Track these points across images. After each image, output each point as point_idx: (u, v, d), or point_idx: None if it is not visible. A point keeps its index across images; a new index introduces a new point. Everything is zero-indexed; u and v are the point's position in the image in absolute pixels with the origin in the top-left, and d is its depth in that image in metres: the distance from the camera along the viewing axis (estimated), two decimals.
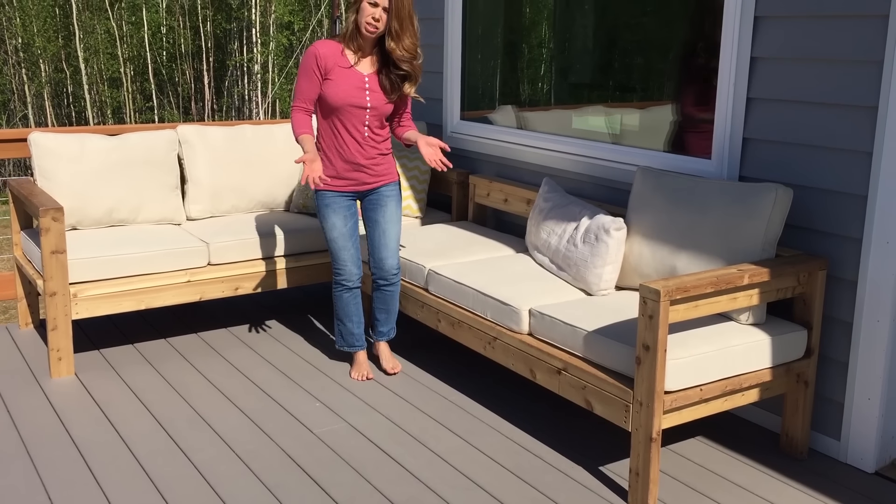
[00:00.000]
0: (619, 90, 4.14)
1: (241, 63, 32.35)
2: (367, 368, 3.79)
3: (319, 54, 3.51)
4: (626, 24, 4.05)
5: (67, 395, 3.55)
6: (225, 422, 3.33)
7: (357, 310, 3.79)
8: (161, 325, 4.39)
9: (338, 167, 3.62)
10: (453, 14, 4.77)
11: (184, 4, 32.05)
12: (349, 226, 3.68)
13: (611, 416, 2.86)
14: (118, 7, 31.81)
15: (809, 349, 3.06)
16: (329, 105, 3.54)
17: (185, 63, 32.59)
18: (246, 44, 32.45)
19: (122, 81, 31.98)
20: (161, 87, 32.86)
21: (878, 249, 2.90)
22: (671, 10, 3.76)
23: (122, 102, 32.20)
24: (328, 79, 3.52)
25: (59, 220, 3.58)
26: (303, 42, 32.02)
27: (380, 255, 3.73)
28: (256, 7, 31.40)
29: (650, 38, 3.91)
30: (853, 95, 2.93)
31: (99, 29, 31.46)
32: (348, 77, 3.53)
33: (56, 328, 3.66)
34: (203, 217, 4.43)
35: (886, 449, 3.07)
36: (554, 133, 4.29)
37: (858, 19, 2.87)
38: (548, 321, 3.14)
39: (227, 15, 32.29)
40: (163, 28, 32.52)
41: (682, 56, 3.75)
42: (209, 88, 32.53)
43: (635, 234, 3.36)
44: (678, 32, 3.76)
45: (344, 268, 3.71)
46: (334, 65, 3.52)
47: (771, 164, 3.23)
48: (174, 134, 4.40)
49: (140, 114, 32.60)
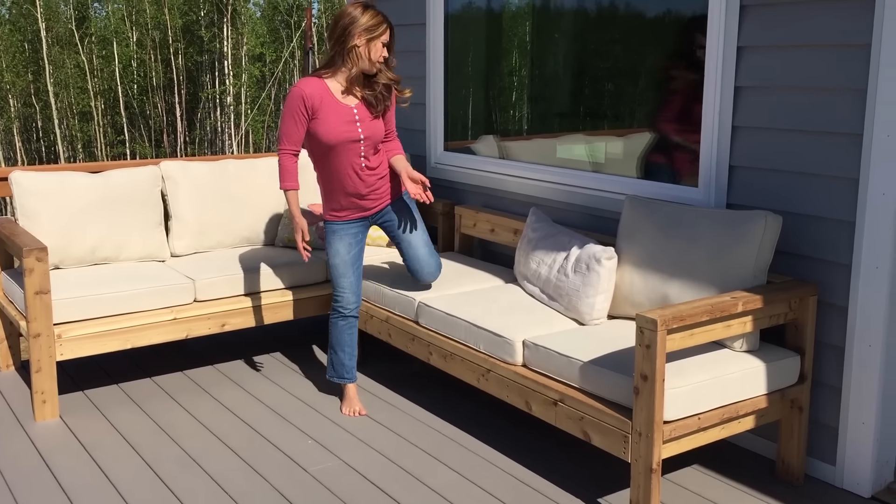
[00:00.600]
0: (600, 118, 4.17)
1: (213, 95, 32.33)
2: (358, 403, 3.75)
3: (306, 94, 3.48)
4: (603, 53, 4.09)
5: (53, 438, 3.47)
6: (216, 462, 3.27)
7: (351, 340, 3.76)
8: (146, 364, 4.32)
9: (341, 201, 3.67)
10: (435, 46, 4.80)
11: (155, 37, 32.04)
12: (352, 253, 3.70)
13: (609, 447, 2.85)
14: (88, 41, 31.73)
15: (803, 375, 3.08)
16: (323, 143, 3.54)
17: (156, 96, 32.52)
18: (218, 76, 32.45)
19: (92, 115, 31.82)
20: (132, 120, 32.73)
21: (868, 274, 2.93)
22: (652, 40, 3.81)
23: (92, 136, 32.00)
24: (316, 118, 3.51)
25: (43, 260, 3.52)
26: (275, 74, 32.07)
27: (415, 266, 3.78)
28: (228, 39, 31.45)
29: (630, 66, 3.95)
30: (838, 123, 2.97)
31: (69, 63, 31.34)
32: (338, 113, 3.53)
33: (40, 370, 3.59)
34: (187, 253, 4.39)
35: (882, 473, 3.08)
36: (539, 163, 4.31)
37: (841, 49, 2.92)
38: (542, 352, 3.13)
39: (198, 47, 32.32)
40: (134, 61, 32.46)
41: (664, 83, 3.79)
42: (181, 121, 32.44)
43: (626, 263, 3.37)
44: (658, 61, 3.80)
45: (342, 295, 3.70)
46: (321, 103, 3.51)
47: (758, 191, 3.26)
48: (157, 170, 4.36)
49: (111, 147, 32.42)
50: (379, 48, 3.51)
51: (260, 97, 32.32)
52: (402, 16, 5.01)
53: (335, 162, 3.59)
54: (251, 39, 32.20)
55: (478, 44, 4.82)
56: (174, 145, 32.86)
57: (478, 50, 4.83)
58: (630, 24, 3.91)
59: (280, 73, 32.29)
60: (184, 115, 32.68)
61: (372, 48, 3.50)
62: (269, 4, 33.92)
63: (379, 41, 3.51)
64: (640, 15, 3.86)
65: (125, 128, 32.13)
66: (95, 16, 32.94)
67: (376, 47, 3.50)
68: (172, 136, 33.02)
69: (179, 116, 32.46)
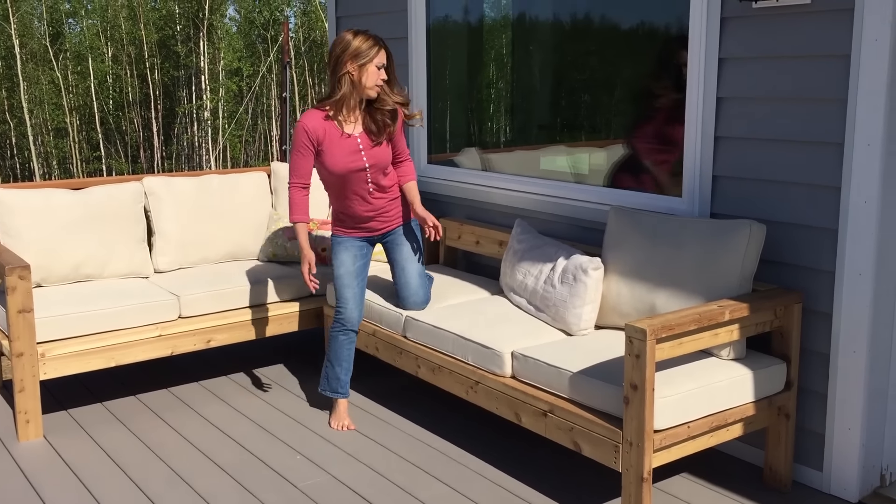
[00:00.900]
0: (582, 130, 4.20)
1: (189, 110, 32.19)
2: (347, 418, 3.74)
3: (308, 128, 3.54)
4: (581, 66, 4.13)
5: (37, 458, 3.42)
6: (205, 480, 3.25)
7: (349, 355, 3.75)
8: (130, 382, 4.28)
9: (348, 221, 3.75)
10: (417, 60, 4.82)
11: (131, 53, 31.88)
12: (357, 266, 3.72)
13: (600, 457, 2.86)
14: (63, 57, 31.52)
15: (789, 382, 3.11)
16: (330, 172, 3.61)
17: (132, 111, 32.33)
18: (195, 91, 32.33)
19: (68, 132, 31.58)
20: (108, 136, 32.51)
21: (851, 281, 2.97)
22: (629, 52, 3.85)
23: (68, 153, 31.75)
24: (322, 150, 3.57)
25: (25, 278, 3.49)
26: (252, 88, 32.00)
27: (403, 293, 3.77)
28: (205, 54, 31.36)
29: (608, 78, 3.99)
30: (820, 133, 3.01)
31: (44, 79, 31.10)
32: (341, 144, 3.57)
33: (24, 390, 3.55)
34: (171, 269, 4.36)
35: (868, 478, 3.11)
36: (522, 174, 4.33)
37: (822, 59, 2.97)
38: (531, 363, 3.14)
39: (174, 62, 32.19)
40: (109, 77, 32.27)
41: (642, 96, 3.83)
42: (158, 136, 32.27)
43: (612, 273, 3.39)
44: (638, 73, 3.84)
45: (345, 307, 3.69)
46: (325, 135, 3.56)
47: (741, 200, 3.30)
48: (140, 186, 4.34)
49: (87, 164, 32.17)
50: (373, 72, 3.52)
51: (237, 112, 32.22)
52: (384, 30, 5.02)
53: (344, 188, 3.65)
54: (228, 54, 32.13)
55: (458, 57, 4.85)
56: (151, 161, 32.67)
57: (458, 63, 4.86)
58: (609, 37, 3.94)
59: (257, 88, 32.22)
60: (160, 131, 32.52)
61: (364, 73, 3.51)
62: (245, 19, 33.89)
63: (371, 65, 3.51)
64: (618, 27, 3.90)
65: (101, 144, 31.91)
66: (70, 31, 32.74)
67: (369, 72, 3.52)
68: (149, 152, 32.84)
69: (156, 132, 32.30)
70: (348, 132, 3.59)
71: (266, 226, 4.64)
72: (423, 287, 3.79)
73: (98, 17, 32.16)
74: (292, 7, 33.51)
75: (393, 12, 4.92)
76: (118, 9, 32.11)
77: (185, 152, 32.92)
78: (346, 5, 5.36)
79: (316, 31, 31.99)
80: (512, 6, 4.51)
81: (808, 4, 2.96)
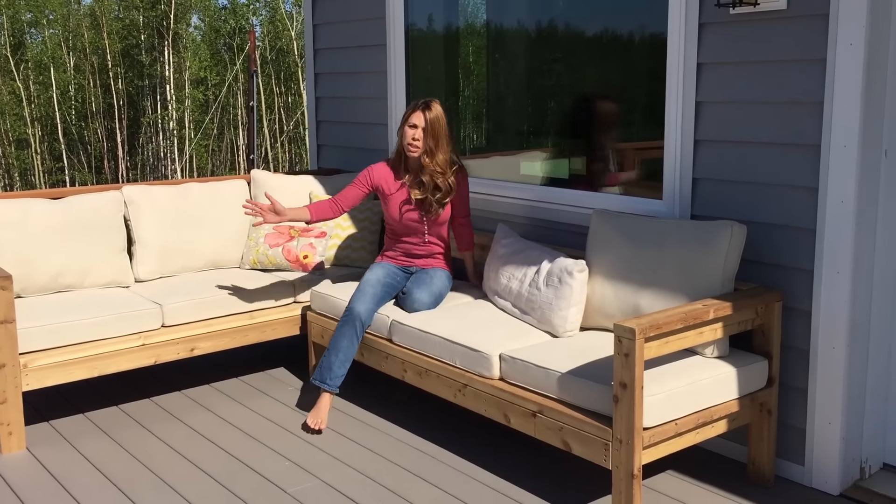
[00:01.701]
0: (558, 136, 4.26)
1: (154, 120, 31.87)
2: (323, 418, 3.74)
3: (373, 174, 3.97)
4: (556, 72, 4.19)
5: (22, 470, 3.39)
6: (194, 488, 3.23)
7: (347, 347, 3.78)
8: (110, 392, 4.24)
9: (397, 252, 4.08)
10: (396, 66, 4.85)
11: (93, 62, 31.50)
12: (385, 281, 3.90)
13: (590, 455, 2.90)
14: (24, 67, 31.04)
15: (770, 378, 3.18)
16: (391, 217, 3.99)
17: (96, 122, 31.92)
18: (160, 100, 32.02)
19: (29, 143, 31.08)
20: (71, 147, 32.05)
21: (829, 279, 3.05)
22: (606, 57, 3.92)
23: (30, 164, 31.25)
24: (382, 197, 3.98)
25: (7, 288, 3.45)
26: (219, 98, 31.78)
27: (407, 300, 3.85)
28: (170, 63, 31.08)
29: (584, 85, 4.05)
30: (797, 135, 3.09)
31: (4, 90, 30.60)
32: (397, 198, 3.94)
33: (6, 401, 3.50)
34: (152, 278, 4.34)
35: (849, 471, 3.19)
36: (502, 179, 4.37)
37: (798, 63, 3.05)
38: (519, 365, 3.17)
39: (138, 72, 31.84)
40: (72, 87, 31.84)
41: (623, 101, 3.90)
42: (122, 147, 31.90)
43: (596, 275, 3.44)
44: (612, 80, 3.91)
45: (357, 300, 3.81)
46: (385, 186, 3.95)
47: (721, 202, 3.37)
48: (119, 195, 4.31)
49: (50, 175, 31.68)
50: (407, 132, 3.85)
51: (203, 121, 31.96)
52: (364, 37, 5.06)
53: (400, 230, 4.02)
54: (193, 63, 31.87)
55: (437, 63, 4.89)
56: (115, 172, 32.27)
57: (437, 69, 4.89)
58: (584, 42, 4.01)
59: (223, 97, 32.01)
60: (125, 141, 32.15)
61: (403, 133, 3.87)
62: (210, 28, 33.65)
63: (406, 125, 3.85)
64: (595, 33, 3.97)
65: (64, 155, 31.47)
66: (31, 41, 32.26)
67: (405, 131, 3.86)
68: (113, 163, 32.44)
69: (120, 142, 31.92)
70: (409, 189, 3.92)
71: (247, 233, 4.64)
72: (424, 304, 3.83)
73: (60, 26, 31.73)
74: (258, 16, 33.37)
75: (371, 19, 4.94)
76: (80, 18, 31.73)
77: (151, 163, 32.59)
78: (322, 12, 5.38)
79: (282, 40, 31.86)
80: (490, 13, 4.57)
81: (784, 10, 3.04)
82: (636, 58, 3.79)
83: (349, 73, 5.24)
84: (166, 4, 30.40)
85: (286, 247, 4.49)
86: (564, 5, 4.12)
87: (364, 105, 5.15)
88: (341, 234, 4.62)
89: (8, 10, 30.46)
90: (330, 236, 4.59)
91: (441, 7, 4.77)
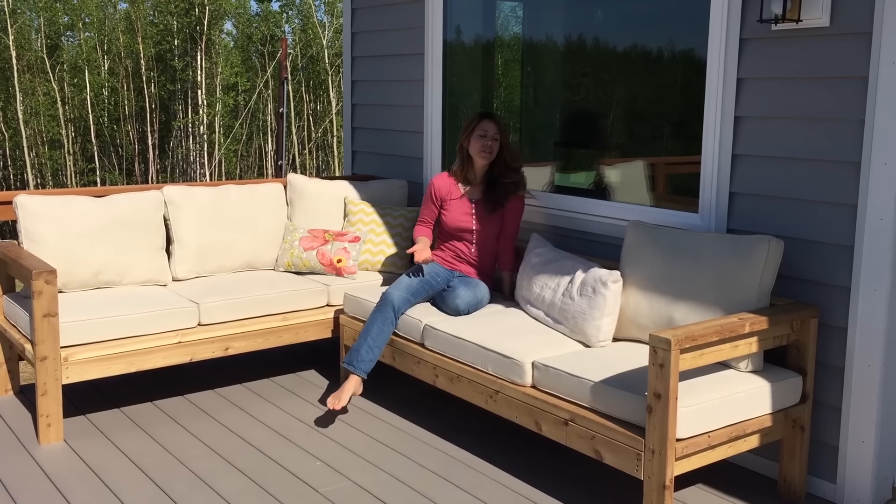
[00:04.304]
0: (596, 148, 4.28)
1: (185, 124, 32.24)
2: (343, 400, 3.79)
3: (435, 187, 4.21)
4: (599, 86, 4.21)
5: (60, 461, 3.45)
6: (228, 484, 3.28)
7: (378, 333, 3.88)
8: (145, 389, 4.31)
9: (445, 254, 4.23)
10: (433, 76, 4.90)
11: (127, 66, 31.95)
12: (424, 278, 4.01)
13: (621, 465, 2.91)
14: (59, 69, 31.55)
15: (804, 395, 3.17)
16: (446, 225, 4.19)
17: (128, 124, 32.35)
18: (191, 105, 32.39)
19: (62, 143, 31.56)
20: (103, 148, 32.50)
21: (867, 297, 3.05)
22: (645, 73, 3.94)
23: (62, 164, 31.71)
24: (444, 206, 4.19)
25: (52, 282, 3.53)
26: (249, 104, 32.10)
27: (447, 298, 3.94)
28: (202, 68, 31.46)
29: (624, 98, 4.08)
30: (837, 152, 3.10)
31: (40, 91, 31.11)
32: (459, 205, 4.16)
33: (46, 393, 3.58)
34: (189, 277, 4.41)
35: (881, 490, 3.17)
36: (537, 189, 4.40)
37: (840, 80, 3.06)
38: (552, 373, 3.20)
39: (171, 76, 32.27)
40: (105, 90, 32.30)
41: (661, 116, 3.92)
42: (153, 150, 32.28)
43: (631, 286, 3.46)
44: (650, 94, 3.93)
45: (394, 288, 3.94)
46: (447, 195, 4.18)
47: (757, 217, 3.38)
48: (160, 195, 4.39)
49: (81, 176, 32.13)
50: (476, 142, 4.03)
51: (234, 126, 32.28)
52: (402, 46, 5.12)
53: (452, 239, 4.20)
54: (225, 69, 32.22)
55: (474, 73, 4.93)
56: (145, 174, 32.66)
57: (474, 79, 4.94)
58: (625, 57, 4.04)
59: (254, 104, 32.32)
60: (156, 144, 32.54)
61: (470, 144, 4.06)
62: (242, 34, 34.02)
63: (474, 134, 4.04)
64: (636, 48, 3.99)
65: (96, 156, 31.89)
66: (67, 44, 32.78)
67: (473, 141, 4.04)
68: (143, 165, 32.84)
69: (151, 145, 32.31)
70: (468, 196, 4.14)
71: (282, 236, 4.70)
72: (465, 302, 3.90)
73: (95, 30, 32.23)
74: (291, 23, 33.69)
75: (410, 28, 5.00)
76: (116, 22, 32.21)
77: (181, 166, 32.94)
78: (361, 21, 5.45)
79: (313, 48, 32.14)
80: (526, 27, 4.61)
81: (827, 27, 3.06)
82: (676, 72, 3.82)
83: (386, 82, 5.30)
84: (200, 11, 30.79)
85: (320, 250, 4.54)
86: (602, 20, 4.15)
87: (400, 113, 5.20)
88: (375, 240, 4.67)
89: (46, 12, 31.00)
90: (364, 241, 4.64)
91: (479, 19, 4.82)
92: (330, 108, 31.89)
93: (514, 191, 4.10)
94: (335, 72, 31.00)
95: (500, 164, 4.09)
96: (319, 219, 4.77)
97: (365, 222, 4.70)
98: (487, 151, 4.04)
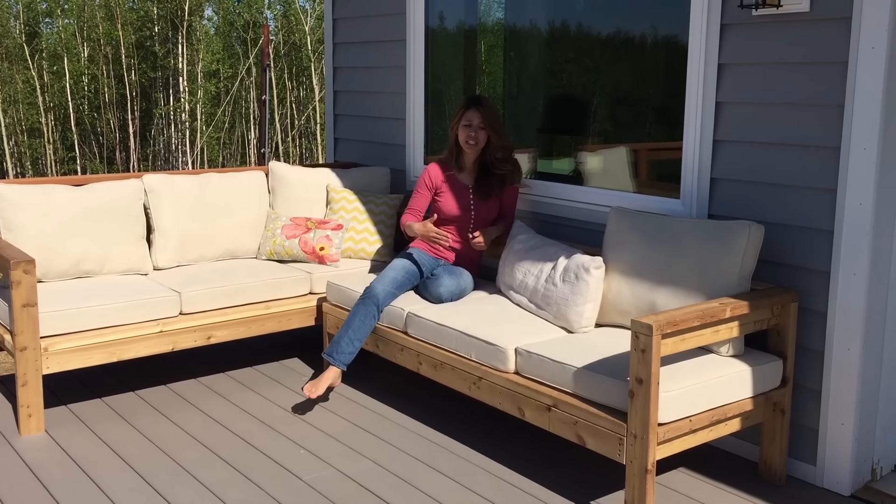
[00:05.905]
0: (576, 134, 4.28)
1: (167, 112, 31.97)
2: (319, 389, 3.80)
3: (430, 174, 4.15)
4: (577, 72, 4.21)
5: (41, 452, 3.43)
6: (211, 473, 3.27)
7: (359, 327, 3.87)
8: (127, 378, 4.29)
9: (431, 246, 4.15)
10: (416, 62, 4.88)
11: (108, 53, 31.61)
12: (408, 269, 3.99)
13: (604, 449, 2.93)
14: (38, 56, 31.17)
15: (785, 378, 3.20)
16: (441, 213, 4.13)
17: (108, 112, 32.03)
18: (172, 92, 32.11)
19: (42, 132, 31.22)
20: (83, 136, 32.18)
21: (846, 281, 3.07)
22: (626, 58, 3.94)
23: (41, 153, 31.38)
24: (438, 196, 4.13)
25: (30, 272, 3.49)
26: (231, 91, 31.86)
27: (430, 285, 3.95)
28: (183, 56, 31.18)
29: (605, 83, 4.08)
30: (816, 137, 3.11)
31: (18, 79, 30.73)
32: (455, 192, 4.12)
33: (26, 384, 3.55)
34: (170, 266, 4.38)
35: (860, 472, 3.21)
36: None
37: (819, 65, 3.07)
38: (535, 359, 3.20)
39: (152, 63, 31.94)
40: (85, 77, 31.95)
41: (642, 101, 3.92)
42: (134, 138, 32.00)
43: (613, 272, 3.46)
44: (632, 79, 3.93)
45: (377, 282, 3.92)
46: (442, 183, 4.13)
47: (738, 202, 3.39)
48: (140, 183, 4.35)
49: (61, 164, 31.82)
50: (462, 132, 4.02)
51: (216, 114, 32.05)
52: (384, 32, 5.09)
53: (447, 224, 4.14)
54: (206, 56, 31.95)
55: (456, 61, 4.91)
56: (126, 163, 32.38)
57: (457, 66, 4.92)
58: (605, 43, 4.03)
59: (236, 91, 32.09)
60: (137, 132, 32.26)
61: (457, 132, 4.04)
62: (224, 21, 33.72)
63: (461, 124, 4.01)
64: (616, 33, 3.99)
65: (76, 144, 31.59)
66: (46, 31, 32.39)
67: (460, 130, 4.03)
68: (124, 154, 32.55)
69: (132, 133, 32.03)
70: (463, 182, 4.12)
71: (264, 224, 4.68)
72: (449, 291, 3.91)
73: (74, 16, 31.84)
74: (272, 10, 33.43)
75: (392, 14, 4.97)
76: (95, 9, 31.84)
77: (162, 154, 32.68)
78: (343, 7, 5.41)
79: (296, 35, 31.92)
80: (509, 13, 4.59)
81: (807, 12, 3.06)
82: (656, 58, 3.82)
83: (368, 68, 5.27)
84: None
85: (303, 238, 4.52)
86: (585, 5, 4.14)
87: (382, 99, 5.18)
88: (357, 228, 4.66)
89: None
90: (346, 229, 4.63)
91: (462, 4, 4.80)
92: (313, 96, 31.72)
93: (508, 180, 4.09)
94: (318, 59, 30.82)
95: (490, 151, 4.06)
96: (302, 207, 4.75)
97: (347, 210, 4.68)
98: (472, 142, 4.02)
